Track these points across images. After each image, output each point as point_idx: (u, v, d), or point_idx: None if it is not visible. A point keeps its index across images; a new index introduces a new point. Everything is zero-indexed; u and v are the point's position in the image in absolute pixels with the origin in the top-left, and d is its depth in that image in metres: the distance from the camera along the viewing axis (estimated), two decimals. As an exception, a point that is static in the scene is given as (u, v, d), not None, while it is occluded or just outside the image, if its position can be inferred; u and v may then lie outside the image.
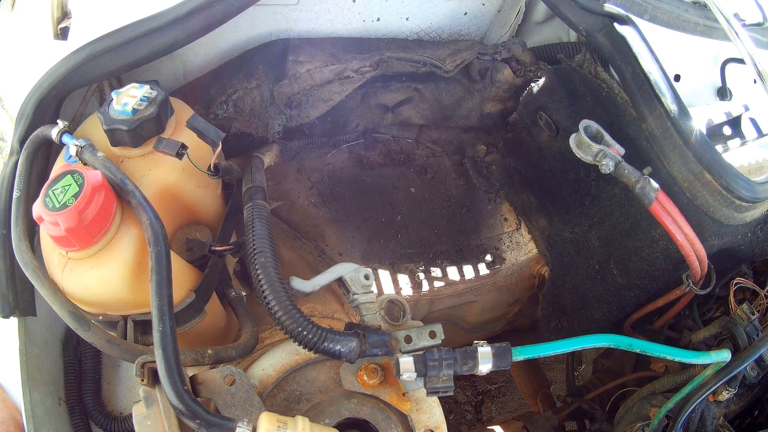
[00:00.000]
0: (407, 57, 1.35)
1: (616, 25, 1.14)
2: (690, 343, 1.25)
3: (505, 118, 1.61)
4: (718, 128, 1.28)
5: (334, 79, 1.29)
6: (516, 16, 1.50)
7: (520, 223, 1.60)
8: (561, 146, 1.40)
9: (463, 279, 1.47)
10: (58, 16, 1.11)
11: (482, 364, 0.88)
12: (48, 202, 0.81)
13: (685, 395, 1.12)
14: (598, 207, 1.36)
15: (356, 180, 1.53)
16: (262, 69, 1.26)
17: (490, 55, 1.45)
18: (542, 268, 1.60)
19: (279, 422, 0.75)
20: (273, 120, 1.25)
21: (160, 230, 0.84)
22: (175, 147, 0.90)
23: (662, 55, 1.12)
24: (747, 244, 1.25)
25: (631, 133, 1.17)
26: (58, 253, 0.88)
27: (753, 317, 1.17)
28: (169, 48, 0.98)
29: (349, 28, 1.39)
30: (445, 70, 1.38)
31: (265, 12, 1.27)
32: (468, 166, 1.64)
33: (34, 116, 0.97)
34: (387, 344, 0.90)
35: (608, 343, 1.00)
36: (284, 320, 0.85)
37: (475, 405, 2.19)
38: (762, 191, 1.09)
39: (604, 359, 1.68)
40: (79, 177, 0.82)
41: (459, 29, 1.52)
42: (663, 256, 1.23)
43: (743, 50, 1.09)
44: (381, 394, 0.94)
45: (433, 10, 1.44)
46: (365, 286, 0.97)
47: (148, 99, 0.92)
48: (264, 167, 1.22)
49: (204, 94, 1.25)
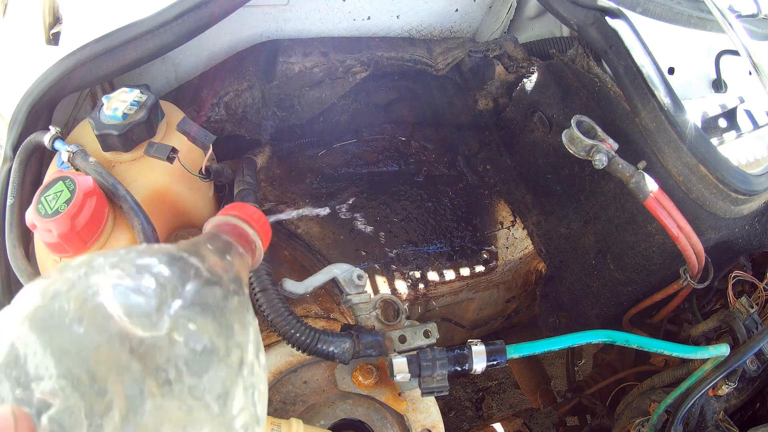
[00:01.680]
0: (398, 56, 1.34)
1: (608, 18, 1.13)
2: (689, 336, 1.25)
3: (498, 115, 1.61)
4: (713, 121, 1.27)
5: (325, 80, 1.29)
6: (507, 12, 1.49)
7: (515, 220, 1.60)
8: (554, 142, 1.40)
9: (459, 277, 1.46)
10: (50, 21, 1.11)
11: (476, 363, 0.88)
12: (40, 208, 0.81)
13: (684, 390, 1.11)
14: (593, 202, 1.35)
15: (349, 179, 1.52)
16: (253, 70, 1.25)
17: (482, 52, 1.44)
18: (539, 265, 1.60)
19: (273, 425, 0.75)
20: (265, 121, 1.25)
21: (152, 234, 0.84)
22: (166, 151, 0.91)
23: (656, 48, 1.12)
24: (744, 237, 1.24)
25: (625, 127, 1.16)
26: (52, 260, 0.89)
27: (752, 310, 1.16)
28: (158, 51, 0.98)
29: (340, 28, 1.38)
30: (436, 68, 1.38)
31: (255, 13, 1.27)
32: (461, 163, 1.64)
33: (26, 122, 0.97)
34: (381, 345, 0.90)
35: (605, 338, 1.00)
36: (276, 323, 0.85)
37: (475, 402, 2.19)
38: (758, 184, 1.08)
39: (604, 354, 1.67)
40: (71, 183, 0.83)
41: (450, 26, 1.51)
42: (659, 250, 1.22)
43: (738, 42, 1.07)
44: (377, 395, 0.94)
45: (423, 8, 1.43)
46: (358, 286, 0.97)
47: (138, 103, 0.92)
48: (257, 169, 1.22)
49: (195, 96, 1.26)
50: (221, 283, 0.45)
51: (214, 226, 0.58)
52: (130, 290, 0.39)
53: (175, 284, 0.41)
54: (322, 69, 1.31)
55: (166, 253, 0.44)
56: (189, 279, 0.43)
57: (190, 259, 0.45)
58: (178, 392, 0.37)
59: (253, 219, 0.59)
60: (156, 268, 0.42)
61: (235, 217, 0.59)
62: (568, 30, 1.55)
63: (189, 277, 0.43)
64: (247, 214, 0.59)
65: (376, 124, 1.60)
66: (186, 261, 0.45)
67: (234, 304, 0.45)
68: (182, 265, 0.44)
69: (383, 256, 1.43)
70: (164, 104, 1.02)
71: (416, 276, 1.42)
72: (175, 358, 0.37)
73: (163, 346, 0.37)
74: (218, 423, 0.39)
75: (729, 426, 1.18)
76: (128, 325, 0.37)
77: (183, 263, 0.44)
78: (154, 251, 0.44)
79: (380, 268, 1.40)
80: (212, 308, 0.42)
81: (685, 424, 1.14)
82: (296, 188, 1.46)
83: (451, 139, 1.68)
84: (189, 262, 0.45)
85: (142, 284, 0.40)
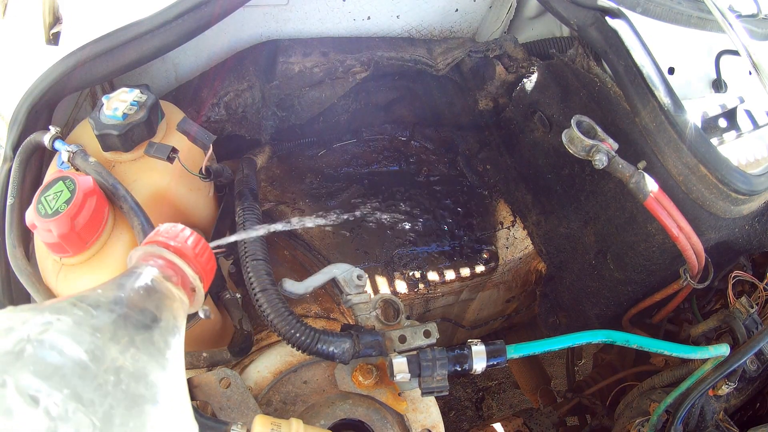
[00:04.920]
0: (398, 56, 1.34)
1: (607, 18, 1.13)
2: (689, 336, 1.25)
3: (498, 115, 1.61)
4: (713, 121, 1.27)
5: (325, 80, 1.29)
6: (507, 12, 1.49)
7: (515, 220, 1.60)
8: (555, 142, 1.40)
9: (459, 277, 1.46)
10: (50, 21, 1.11)
11: (476, 363, 0.88)
12: (40, 208, 0.81)
13: (684, 390, 1.11)
14: (594, 202, 1.35)
15: (349, 179, 1.53)
16: (253, 71, 1.25)
17: (482, 52, 1.44)
18: (539, 265, 1.60)
19: (273, 425, 0.75)
20: (265, 121, 1.25)
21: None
22: (166, 151, 0.91)
23: (656, 48, 1.12)
24: (744, 237, 1.24)
25: (625, 127, 1.16)
26: (51, 260, 0.89)
27: (752, 310, 1.16)
28: (158, 51, 0.98)
29: (340, 28, 1.38)
30: (436, 68, 1.38)
31: (255, 13, 1.27)
32: (462, 163, 1.64)
33: (26, 122, 0.97)
34: (380, 345, 0.90)
35: (605, 338, 1.00)
36: (276, 323, 0.85)
37: (476, 402, 2.19)
38: (758, 184, 1.08)
39: (604, 354, 1.67)
40: (71, 183, 0.83)
41: (450, 26, 1.51)
42: (659, 250, 1.22)
43: (738, 42, 1.07)
44: (377, 395, 0.94)
45: (424, 8, 1.43)
46: (358, 286, 0.97)
47: (138, 103, 0.92)
48: (257, 169, 1.22)
49: (195, 96, 1.26)
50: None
51: (144, 258, 0.49)
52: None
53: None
54: (322, 69, 1.31)
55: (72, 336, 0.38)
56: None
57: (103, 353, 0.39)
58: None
59: (192, 253, 0.49)
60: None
61: (169, 250, 0.49)
62: (568, 30, 1.55)
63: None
64: (184, 245, 0.48)
65: (376, 124, 1.60)
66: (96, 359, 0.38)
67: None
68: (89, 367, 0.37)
69: (383, 256, 1.43)
70: (164, 104, 1.02)
71: (416, 276, 1.42)
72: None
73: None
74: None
75: (729, 426, 1.18)
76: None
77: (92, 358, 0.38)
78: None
79: (380, 268, 1.40)
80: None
81: (685, 424, 1.14)
82: (296, 188, 1.46)
83: (451, 139, 1.68)
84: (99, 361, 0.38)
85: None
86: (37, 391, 0.36)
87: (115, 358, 0.41)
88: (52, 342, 0.38)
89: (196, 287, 0.53)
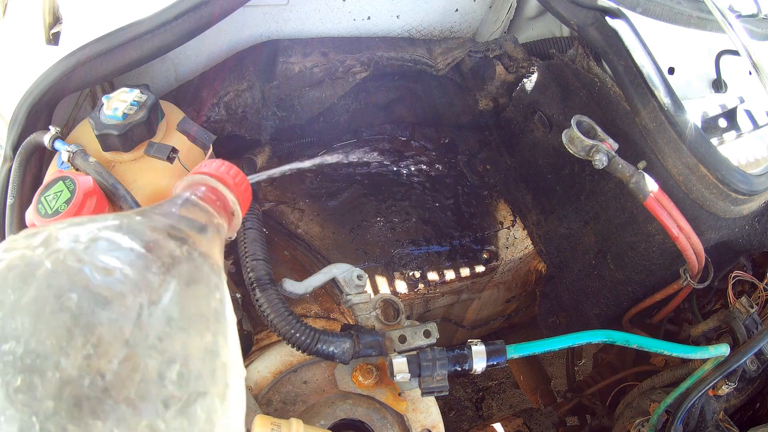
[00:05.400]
0: (398, 56, 1.34)
1: (607, 18, 1.13)
2: (689, 336, 1.25)
3: (498, 115, 1.61)
4: (713, 121, 1.27)
5: (325, 80, 1.29)
6: (507, 12, 1.49)
7: (515, 220, 1.60)
8: (555, 142, 1.40)
9: (459, 277, 1.46)
10: (50, 21, 1.11)
11: (476, 363, 0.88)
12: (40, 208, 0.81)
13: (684, 390, 1.11)
14: (594, 202, 1.35)
15: (349, 179, 1.53)
16: (253, 71, 1.26)
17: (482, 52, 1.44)
18: (539, 265, 1.60)
19: (272, 425, 0.75)
20: (265, 121, 1.25)
21: (152, 234, 0.84)
22: (166, 151, 0.91)
23: (656, 48, 1.12)
24: (745, 237, 1.24)
25: (625, 127, 1.16)
26: (51, 259, 0.88)
27: (752, 310, 1.16)
28: (158, 51, 0.98)
29: (340, 28, 1.38)
30: (436, 68, 1.38)
31: (255, 13, 1.27)
32: (462, 163, 1.64)
33: (26, 122, 0.97)
34: (380, 345, 0.90)
35: (605, 338, 1.00)
36: (276, 323, 0.85)
37: (476, 402, 2.19)
38: (759, 183, 1.08)
39: (604, 354, 1.67)
40: (71, 183, 0.83)
41: (450, 26, 1.51)
42: (660, 250, 1.22)
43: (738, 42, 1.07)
44: (377, 395, 0.94)
45: (424, 8, 1.43)
46: (358, 286, 0.97)
47: (138, 103, 0.92)
48: (257, 169, 1.22)
49: (195, 96, 1.26)
50: (202, 280, 0.43)
51: (188, 187, 0.53)
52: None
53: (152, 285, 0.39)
54: (322, 69, 1.32)
55: (141, 239, 0.41)
56: (168, 281, 0.40)
57: (169, 246, 0.42)
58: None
59: (233, 181, 0.54)
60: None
61: (212, 177, 0.54)
62: (568, 30, 1.55)
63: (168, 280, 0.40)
64: (225, 174, 0.54)
65: (376, 124, 1.60)
66: (163, 249, 0.41)
67: (216, 302, 0.43)
68: (159, 256, 0.40)
69: (383, 256, 1.43)
70: (164, 104, 1.01)
71: (416, 276, 1.42)
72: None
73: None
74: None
75: (729, 426, 1.18)
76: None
77: (160, 251, 0.41)
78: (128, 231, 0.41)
79: (380, 268, 1.40)
80: (192, 316, 0.40)
81: (685, 424, 1.14)
82: (296, 188, 1.46)
83: (452, 139, 1.68)
84: (167, 251, 0.41)
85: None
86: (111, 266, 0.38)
87: (173, 249, 0.43)
88: (109, 237, 0.41)
89: (235, 211, 0.56)
